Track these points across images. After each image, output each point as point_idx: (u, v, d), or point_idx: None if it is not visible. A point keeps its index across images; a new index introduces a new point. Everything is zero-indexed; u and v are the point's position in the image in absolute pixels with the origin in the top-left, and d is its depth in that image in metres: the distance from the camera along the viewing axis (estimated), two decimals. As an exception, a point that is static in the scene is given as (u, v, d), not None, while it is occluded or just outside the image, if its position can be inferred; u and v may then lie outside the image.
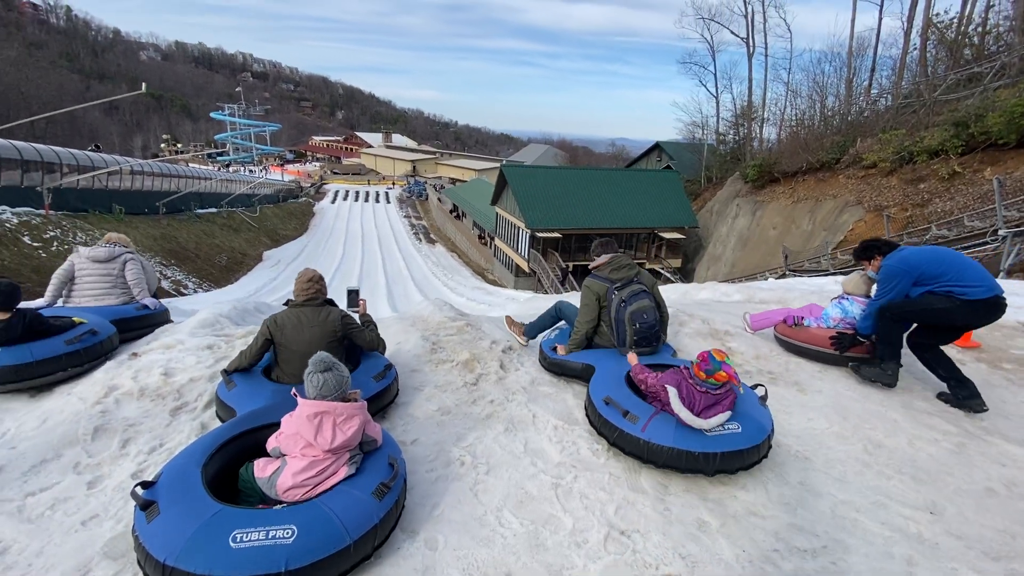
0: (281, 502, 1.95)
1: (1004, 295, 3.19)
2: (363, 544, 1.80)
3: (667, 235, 29.38)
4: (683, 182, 33.64)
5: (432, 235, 46.18)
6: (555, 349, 3.43)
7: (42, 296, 4.15)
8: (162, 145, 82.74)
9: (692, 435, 2.36)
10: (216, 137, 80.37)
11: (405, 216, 53.01)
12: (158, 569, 1.63)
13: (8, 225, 16.55)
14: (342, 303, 3.21)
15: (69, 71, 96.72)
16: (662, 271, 29.41)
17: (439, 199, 54.87)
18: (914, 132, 18.07)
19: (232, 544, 1.64)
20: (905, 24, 26.01)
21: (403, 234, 45.10)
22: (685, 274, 29.90)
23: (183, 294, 20.47)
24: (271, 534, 1.67)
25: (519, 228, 29.68)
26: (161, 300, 4.60)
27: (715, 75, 37.21)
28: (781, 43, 47.10)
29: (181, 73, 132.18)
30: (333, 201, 57.75)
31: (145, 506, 1.77)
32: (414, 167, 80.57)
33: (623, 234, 30.01)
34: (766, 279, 18.61)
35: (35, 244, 16.74)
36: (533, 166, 41.27)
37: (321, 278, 2.97)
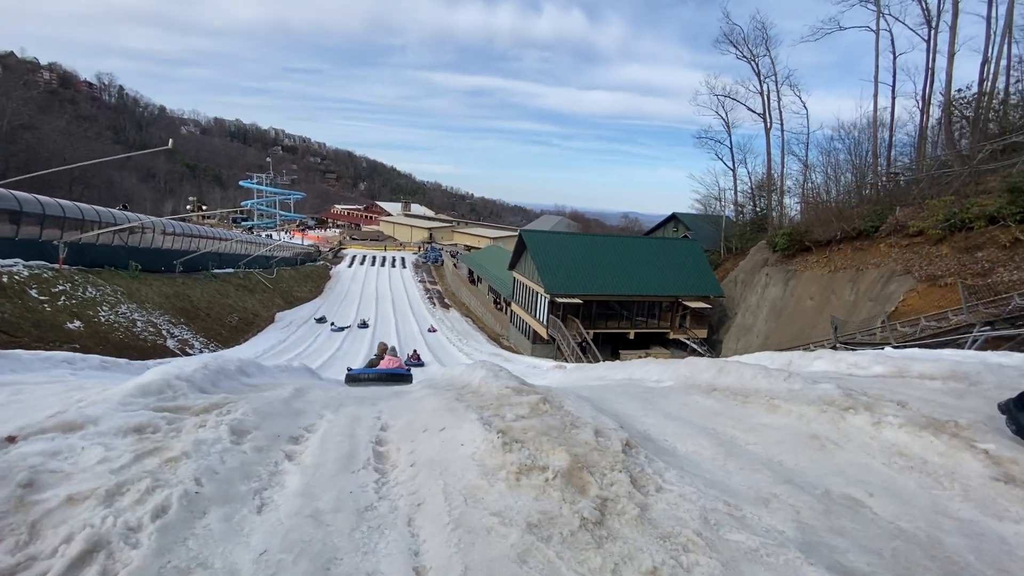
0: None
1: None
2: (407, 377, 8.35)
3: (692, 304, 28.23)
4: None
5: (447, 300, 45.58)
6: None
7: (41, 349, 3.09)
8: (187, 207, 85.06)
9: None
10: (242, 203, 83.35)
11: (420, 281, 52.83)
12: (349, 375, 8.65)
13: (17, 278, 16.07)
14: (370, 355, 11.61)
15: (113, 142, 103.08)
16: (688, 342, 27.95)
17: (455, 264, 54.91)
18: (961, 199, 17.31)
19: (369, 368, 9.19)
20: (919, 102, 26.43)
21: (417, 298, 44.56)
22: (712, 345, 28.38)
23: (188, 353, 19.50)
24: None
25: (538, 293, 28.84)
26: (162, 360, 3.55)
27: (731, 149, 37.75)
28: (797, 119, 48.17)
29: (217, 146, 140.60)
30: (350, 265, 58.12)
31: (349, 374, 8.79)
32: (431, 235, 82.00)
33: (645, 302, 28.93)
34: (811, 350, 17.16)
35: (41, 298, 16.15)
36: (552, 231, 41.17)
37: (387, 346, 10.33)
